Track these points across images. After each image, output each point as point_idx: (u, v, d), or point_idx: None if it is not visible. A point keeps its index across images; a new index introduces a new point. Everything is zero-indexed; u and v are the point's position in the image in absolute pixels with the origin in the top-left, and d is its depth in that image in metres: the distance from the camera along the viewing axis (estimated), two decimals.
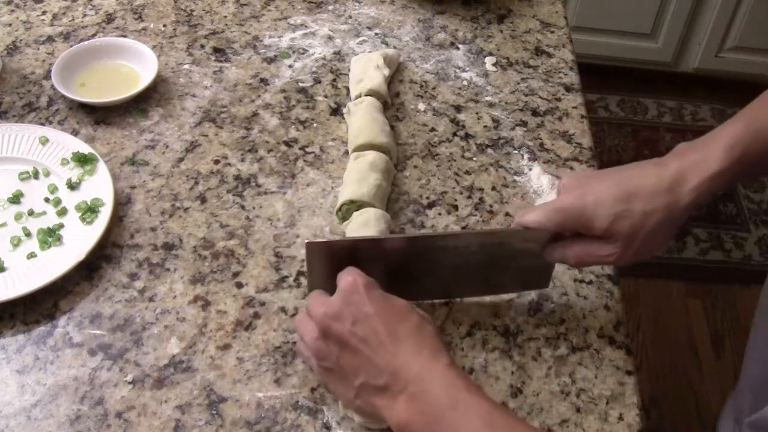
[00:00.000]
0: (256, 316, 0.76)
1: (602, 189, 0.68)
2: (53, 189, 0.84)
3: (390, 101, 0.97)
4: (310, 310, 0.66)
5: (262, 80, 1.00)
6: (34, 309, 0.75)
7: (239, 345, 0.74)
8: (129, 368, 0.72)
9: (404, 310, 0.65)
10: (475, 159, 0.92)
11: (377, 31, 1.08)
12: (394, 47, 1.05)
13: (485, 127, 0.96)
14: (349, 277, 0.65)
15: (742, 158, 0.66)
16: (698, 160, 0.66)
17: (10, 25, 1.05)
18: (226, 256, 0.81)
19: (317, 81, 1.00)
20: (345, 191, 0.83)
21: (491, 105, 0.99)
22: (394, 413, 0.62)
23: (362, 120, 0.90)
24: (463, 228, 0.85)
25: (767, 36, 2.25)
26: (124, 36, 1.03)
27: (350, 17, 1.10)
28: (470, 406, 0.59)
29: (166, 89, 0.97)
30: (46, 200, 0.83)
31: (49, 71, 0.96)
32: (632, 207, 0.67)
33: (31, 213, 0.82)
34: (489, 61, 1.05)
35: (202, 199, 0.86)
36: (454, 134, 0.95)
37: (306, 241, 0.69)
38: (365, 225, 0.79)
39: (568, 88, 1.02)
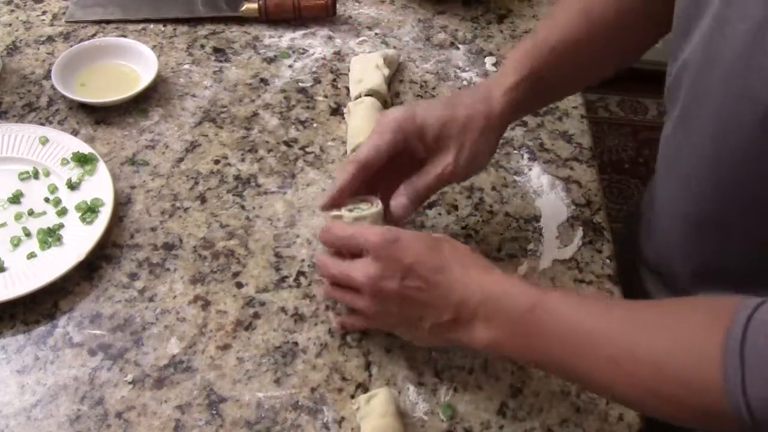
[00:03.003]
0: (256, 316, 0.76)
1: (426, 103, 0.76)
2: (53, 189, 0.84)
3: (390, 101, 0.97)
4: (350, 278, 0.67)
5: (262, 80, 1.00)
6: (34, 309, 0.75)
7: (239, 345, 0.74)
8: (129, 368, 0.72)
9: (432, 241, 0.68)
10: None
11: (377, 31, 1.08)
12: (394, 47, 1.05)
13: None
14: (374, 238, 0.66)
15: (530, 72, 0.75)
16: (498, 79, 0.76)
17: (10, 25, 1.05)
18: (226, 256, 0.81)
19: (317, 81, 1.00)
20: None
21: None
22: (476, 338, 0.64)
23: (361, 120, 0.90)
24: (463, 228, 0.85)
25: None
26: (124, 36, 1.03)
27: (350, 17, 1.09)
28: (547, 303, 0.61)
29: (166, 89, 0.97)
30: (46, 200, 0.83)
31: (49, 71, 0.96)
32: (456, 112, 0.73)
33: (31, 213, 0.82)
34: (489, 61, 1.05)
35: (202, 199, 0.86)
36: None
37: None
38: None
39: None
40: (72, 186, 0.84)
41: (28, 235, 0.80)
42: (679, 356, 0.55)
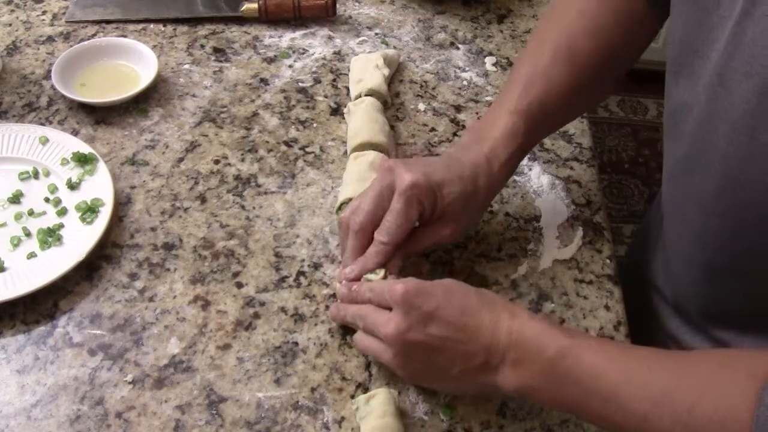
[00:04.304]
0: (256, 316, 0.76)
1: (438, 170, 0.72)
2: (53, 189, 0.84)
3: (390, 101, 0.97)
4: (376, 332, 0.66)
5: (262, 80, 1.00)
6: (34, 309, 0.75)
7: (239, 345, 0.74)
8: (129, 368, 0.72)
9: (455, 286, 0.66)
10: None
11: (377, 31, 1.08)
12: (394, 47, 1.05)
13: None
14: (398, 288, 0.64)
15: (525, 140, 0.76)
16: (491, 153, 0.75)
17: (10, 25, 1.05)
18: (226, 256, 0.81)
19: (317, 81, 1.00)
20: (345, 190, 0.83)
21: (491, 105, 0.99)
22: (505, 383, 0.63)
23: (361, 120, 0.90)
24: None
25: None
26: (124, 36, 1.03)
27: (350, 17, 1.10)
28: (577, 350, 0.60)
29: (166, 89, 0.97)
30: (46, 200, 0.83)
31: (49, 71, 0.96)
32: (467, 188, 0.73)
33: (31, 213, 0.82)
34: (489, 61, 1.05)
35: (202, 199, 0.86)
36: (454, 134, 0.95)
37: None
38: None
39: None
40: (72, 186, 0.84)
41: (28, 235, 0.80)
42: (708, 414, 0.54)
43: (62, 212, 0.82)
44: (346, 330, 0.75)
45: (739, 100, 0.59)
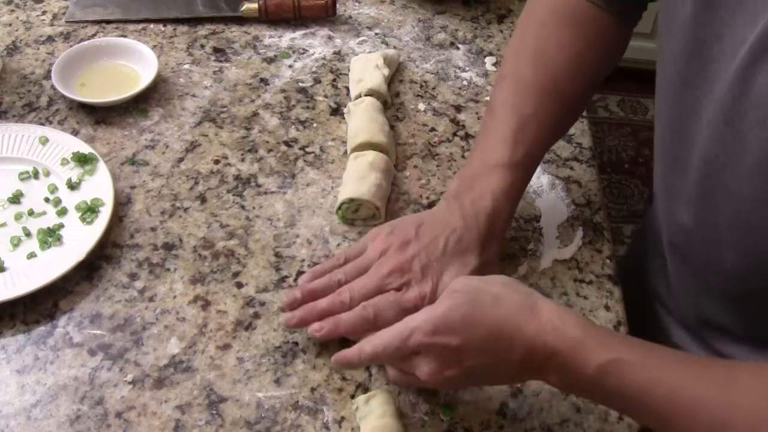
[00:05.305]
0: (256, 316, 0.76)
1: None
2: (53, 189, 0.84)
3: (390, 101, 0.97)
4: (415, 377, 0.65)
5: (262, 80, 1.00)
6: (34, 309, 0.75)
7: (239, 345, 0.74)
8: (129, 368, 0.72)
9: (469, 303, 0.63)
10: None
11: (377, 31, 1.08)
12: (394, 47, 1.05)
13: None
14: (415, 337, 0.62)
15: (522, 186, 0.78)
16: (494, 212, 0.74)
17: (10, 25, 1.05)
18: (226, 256, 0.81)
19: (317, 81, 1.00)
20: (344, 190, 0.83)
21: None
22: (549, 382, 0.62)
23: (361, 120, 0.90)
24: None
25: None
26: (124, 36, 1.03)
27: (350, 17, 1.10)
28: (618, 367, 0.58)
29: (166, 89, 0.97)
30: (46, 200, 0.83)
31: (49, 71, 0.96)
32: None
33: (31, 213, 0.82)
34: (489, 61, 1.05)
35: (202, 199, 0.86)
36: (454, 134, 0.95)
37: None
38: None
39: None
40: (72, 186, 0.84)
41: (28, 235, 0.80)
42: None
43: (62, 212, 0.82)
44: None
45: (754, 145, 0.57)
